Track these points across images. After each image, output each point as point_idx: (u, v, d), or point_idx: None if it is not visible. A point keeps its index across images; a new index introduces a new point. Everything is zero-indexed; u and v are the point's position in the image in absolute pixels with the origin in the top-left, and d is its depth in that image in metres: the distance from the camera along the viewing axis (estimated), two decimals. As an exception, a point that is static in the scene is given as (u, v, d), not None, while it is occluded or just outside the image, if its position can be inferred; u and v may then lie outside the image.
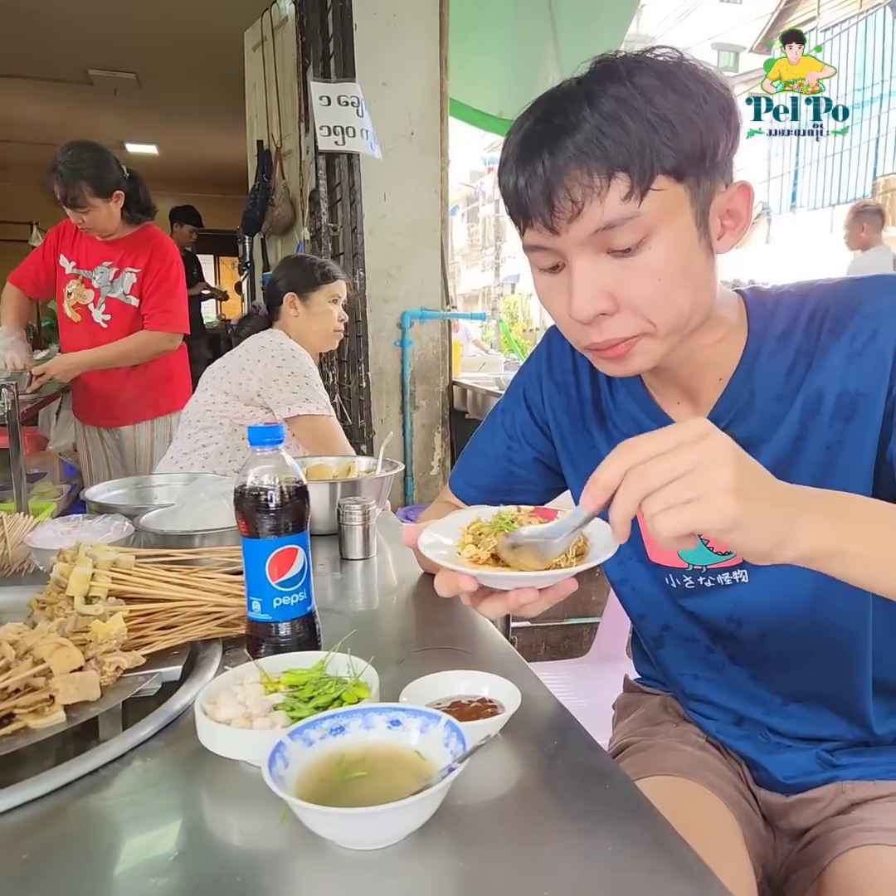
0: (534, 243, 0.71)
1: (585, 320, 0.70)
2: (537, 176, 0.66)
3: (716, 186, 0.69)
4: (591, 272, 0.68)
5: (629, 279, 0.68)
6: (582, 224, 0.66)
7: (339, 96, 3.00)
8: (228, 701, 0.64)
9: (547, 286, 0.74)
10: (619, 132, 0.64)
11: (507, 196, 0.71)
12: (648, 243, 0.67)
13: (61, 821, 0.57)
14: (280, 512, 0.74)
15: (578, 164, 0.64)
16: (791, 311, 0.77)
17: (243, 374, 1.88)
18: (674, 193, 0.66)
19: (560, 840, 0.54)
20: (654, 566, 0.88)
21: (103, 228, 2.45)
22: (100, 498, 1.34)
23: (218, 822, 0.58)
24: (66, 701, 0.68)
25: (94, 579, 0.81)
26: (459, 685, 0.71)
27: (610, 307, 0.69)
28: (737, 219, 0.72)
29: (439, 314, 3.60)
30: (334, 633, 0.86)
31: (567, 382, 0.92)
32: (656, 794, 0.81)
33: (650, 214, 0.65)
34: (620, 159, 0.64)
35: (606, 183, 0.64)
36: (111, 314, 2.50)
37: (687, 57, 0.68)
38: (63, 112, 6.32)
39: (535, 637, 1.83)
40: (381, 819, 0.51)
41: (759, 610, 0.83)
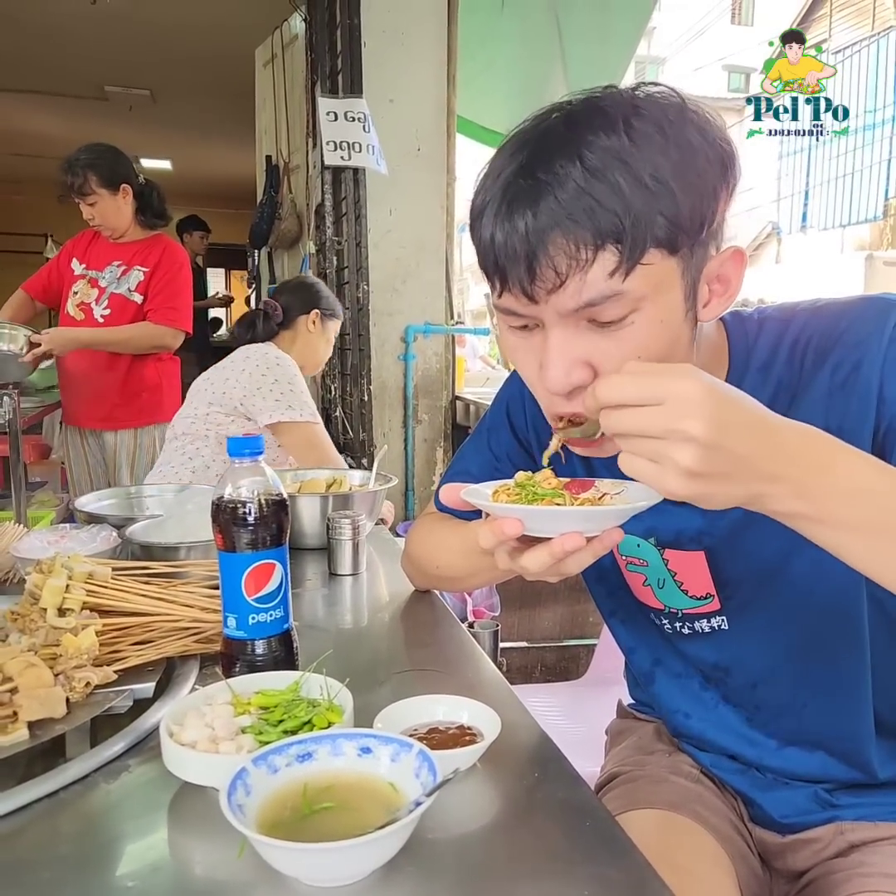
0: (509, 308, 0.64)
1: (559, 393, 0.63)
2: (518, 235, 0.59)
3: (708, 253, 0.63)
4: (568, 343, 0.62)
5: (609, 350, 0.62)
6: (563, 298, 0.60)
7: (346, 112, 3.01)
8: (195, 723, 0.62)
9: (517, 346, 0.67)
10: (611, 197, 0.57)
11: (482, 250, 0.64)
12: (632, 318, 0.60)
13: (13, 846, 0.54)
14: (257, 525, 0.72)
15: (564, 232, 0.57)
16: (773, 341, 0.72)
17: (227, 384, 1.86)
18: (664, 268, 0.60)
19: (534, 882, 0.51)
20: (640, 603, 0.85)
21: (114, 225, 2.48)
22: (89, 508, 1.32)
23: (178, 852, 0.55)
24: (29, 717, 0.65)
25: (68, 591, 0.78)
26: (438, 710, 0.68)
27: (586, 378, 0.62)
28: (726, 285, 0.66)
29: (443, 329, 3.59)
30: (315, 651, 0.84)
31: (529, 441, 0.90)
32: (645, 829, 0.78)
33: (636, 290, 0.59)
34: (611, 230, 0.57)
35: (593, 256, 0.58)
36: (111, 308, 2.50)
37: (689, 104, 0.61)
38: (79, 127, 6.38)
39: (530, 658, 1.80)
40: (344, 855, 0.48)
41: (745, 658, 0.80)
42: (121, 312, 2.50)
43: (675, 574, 0.81)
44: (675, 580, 0.81)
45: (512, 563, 0.61)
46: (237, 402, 1.84)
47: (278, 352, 1.92)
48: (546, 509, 0.59)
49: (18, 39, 4.57)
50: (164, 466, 1.89)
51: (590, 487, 0.66)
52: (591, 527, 0.59)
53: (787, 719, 0.81)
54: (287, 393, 1.82)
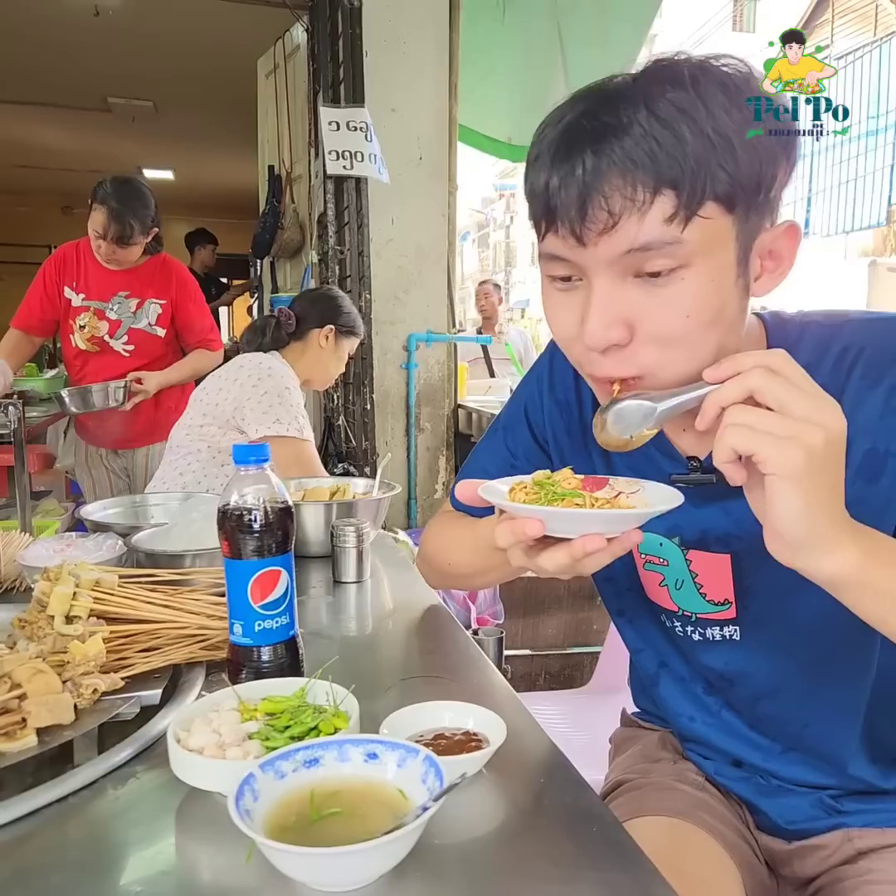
0: (554, 252, 0.64)
1: (597, 348, 0.63)
2: (574, 177, 0.59)
3: (763, 223, 0.63)
4: (612, 296, 0.62)
5: (653, 310, 0.61)
6: (614, 240, 0.60)
7: (348, 121, 3.03)
8: (202, 728, 0.62)
9: (556, 301, 0.67)
10: (674, 143, 0.57)
11: (534, 195, 0.64)
12: (682, 274, 0.60)
13: (23, 851, 0.55)
14: (263, 533, 0.72)
15: (623, 172, 0.58)
16: (818, 345, 0.70)
17: (220, 395, 1.81)
18: (721, 224, 0.60)
19: (540, 887, 0.51)
20: (651, 603, 0.85)
21: (129, 261, 2.49)
22: (95, 516, 1.32)
23: (186, 857, 0.56)
24: (38, 724, 0.66)
25: (75, 598, 0.79)
26: (444, 716, 0.68)
27: (624, 337, 0.62)
28: (778, 261, 0.66)
29: (445, 337, 3.60)
30: (321, 658, 0.84)
31: (569, 401, 0.86)
32: (651, 836, 0.78)
33: (692, 243, 0.59)
34: (671, 175, 0.57)
35: (651, 199, 0.58)
36: (134, 344, 2.52)
37: (756, 73, 0.63)
38: (82, 139, 6.43)
39: (534, 666, 1.79)
40: (351, 860, 0.48)
41: (752, 672, 0.79)
42: (147, 347, 2.53)
43: (697, 576, 0.79)
44: (696, 582, 0.80)
45: (527, 562, 0.61)
46: (229, 415, 1.78)
47: (273, 362, 1.85)
48: (569, 511, 0.59)
49: (22, 52, 4.60)
50: (157, 482, 1.85)
51: (604, 486, 0.65)
52: (612, 528, 0.59)
53: (787, 733, 0.81)
54: (275, 406, 1.74)
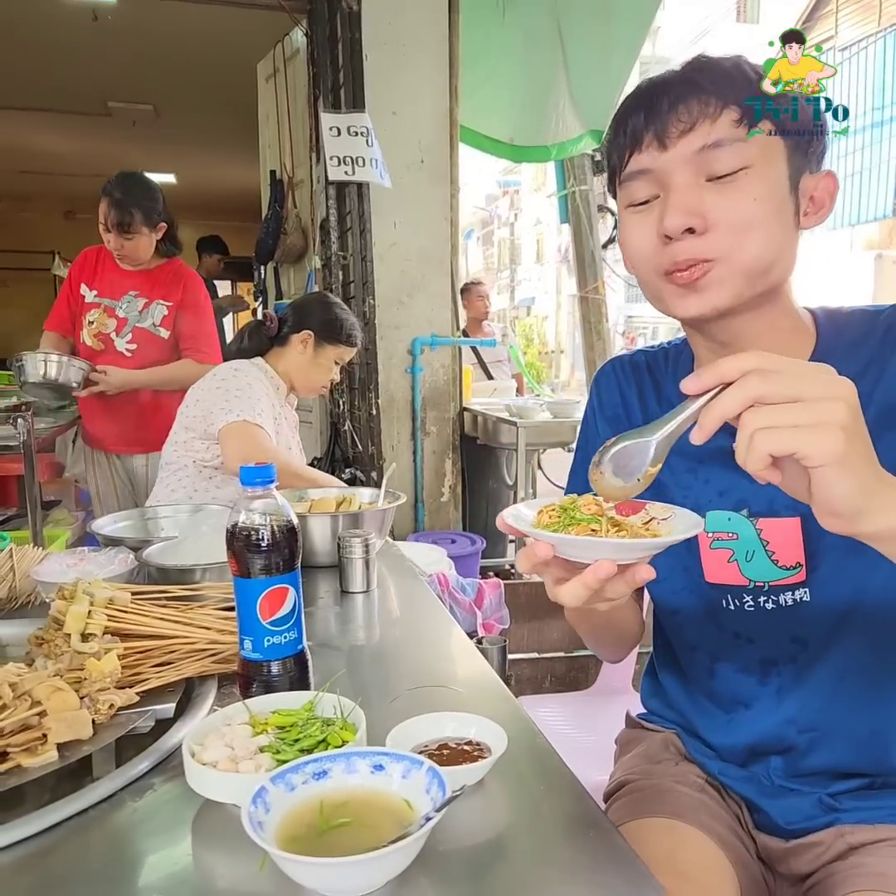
0: (637, 168, 0.76)
1: (676, 230, 0.73)
2: (656, 101, 0.74)
3: (808, 165, 0.76)
4: (689, 188, 0.73)
5: (724, 202, 0.73)
6: (691, 139, 0.72)
7: (349, 126, 3.05)
8: (216, 742, 0.65)
9: (634, 222, 0.78)
10: (737, 80, 0.72)
11: (622, 121, 0.77)
12: (748, 171, 0.72)
13: (47, 862, 0.58)
14: (271, 552, 0.75)
15: (698, 94, 0.72)
16: (865, 325, 0.80)
17: (197, 406, 1.78)
18: (774, 143, 0.73)
19: (540, 889, 0.54)
20: (710, 591, 0.86)
21: (139, 257, 2.51)
22: (106, 530, 1.35)
23: (202, 865, 0.58)
24: (58, 739, 0.69)
25: (90, 617, 0.82)
26: (447, 727, 0.71)
27: (700, 224, 0.72)
28: (820, 205, 0.78)
29: (449, 340, 3.62)
30: (329, 669, 0.87)
31: (617, 415, 0.95)
32: (649, 837, 0.81)
33: (753, 147, 0.72)
34: (735, 96, 0.71)
35: (720, 110, 0.72)
36: (137, 343, 2.53)
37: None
38: (83, 143, 6.47)
39: (540, 669, 1.82)
40: (360, 868, 0.51)
41: (822, 630, 0.81)
42: (148, 347, 2.53)
43: (768, 544, 0.82)
44: (767, 550, 0.82)
45: (554, 594, 0.63)
46: (206, 425, 1.73)
47: (244, 364, 1.82)
48: (576, 538, 0.60)
49: (22, 58, 4.63)
50: (151, 500, 1.84)
51: (640, 510, 0.67)
52: (621, 556, 0.59)
53: (839, 713, 0.82)
54: (232, 399, 1.69)
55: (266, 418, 1.72)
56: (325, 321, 1.92)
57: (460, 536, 3.41)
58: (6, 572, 1.18)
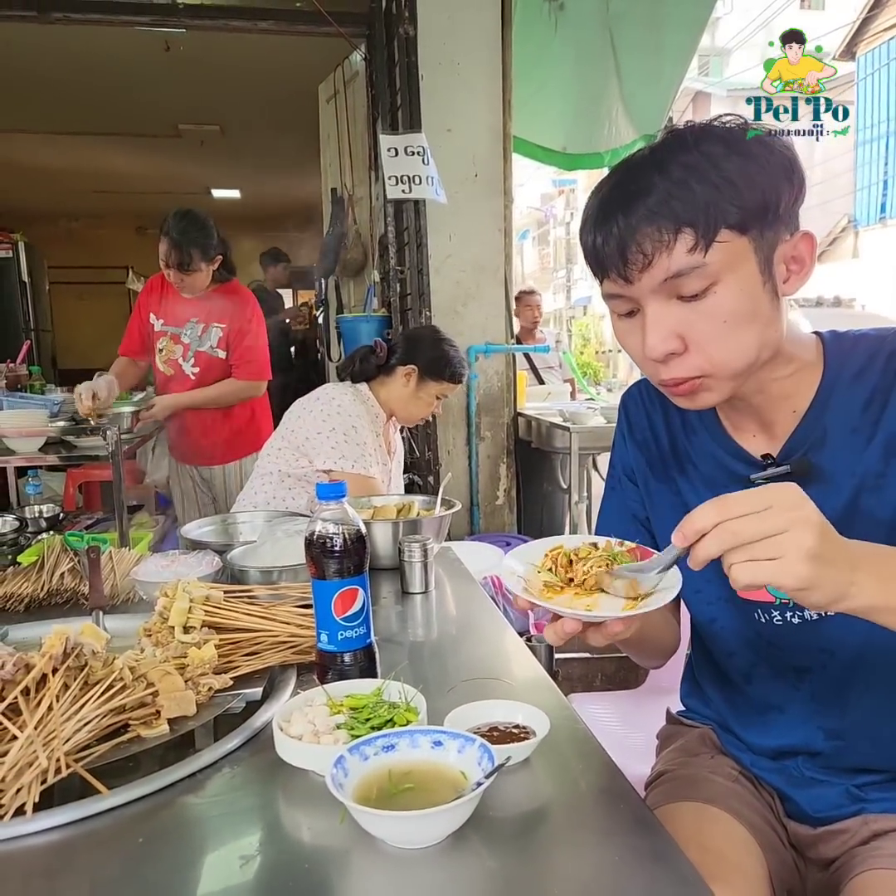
0: (611, 292, 0.80)
1: (657, 358, 0.78)
2: (612, 234, 0.75)
3: (780, 236, 0.76)
4: (661, 316, 0.76)
5: (697, 322, 0.75)
6: (652, 273, 0.75)
7: (406, 147, 3.17)
8: (300, 720, 0.76)
9: (624, 329, 0.83)
10: (686, 195, 0.72)
11: (586, 252, 0.80)
12: (714, 289, 0.74)
13: (167, 813, 0.70)
14: (343, 557, 0.86)
15: (649, 223, 0.73)
16: (869, 352, 0.84)
17: (298, 422, 1.93)
18: (738, 245, 0.74)
19: (574, 849, 0.64)
20: (742, 603, 0.91)
21: (197, 288, 2.69)
22: (193, 535, 1.50)
23: (290, 820, 0.70)
24: (169, 715, 0.81)
25: (190, 612, 0.95)
26: (497, 712, 0.81)
27: (679, 347, 0.77)
28: (801, 264, 0.79)
29: (504, 348, 3.71)
30: (393, 661, 0.98)
31: (646, 439, 1.00)
32: (682, 818, 0.90)
33: (715, 264, 0.73)
34: (687, 217, 0.72)
35: (674, 237, 0.73)
36: (199, 366, 2.73)
37: (751, 123, 0.77)
38: (154, 163, 6.80)
39: (590, 668, 1.90)
40: (423, 821, 0.61)
41: (849, 639, 0.87)
42: (209, 369, 2.72)
43: None
44: None
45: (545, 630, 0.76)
46: (301, 442, 1.89)
47: (345, 398, 1.92)
48: (545, 603, 0.74)
49: (98, 87, 4.92)
50: (239, 501, 2.01)
51: (650, 556, 0.77)
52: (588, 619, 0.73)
53: (861, 716, 0.88)
54: (341, 443, 1.84)
55: (373, 463, 1.87)
56: (432, 358, 1.98)
57: (515, 539, 3.49)
58: (108, 573, 1.34)
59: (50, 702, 0.76)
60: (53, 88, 4.90)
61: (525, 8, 3.74)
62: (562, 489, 4.04)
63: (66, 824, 0.67)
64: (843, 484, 0.82)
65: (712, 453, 0.92)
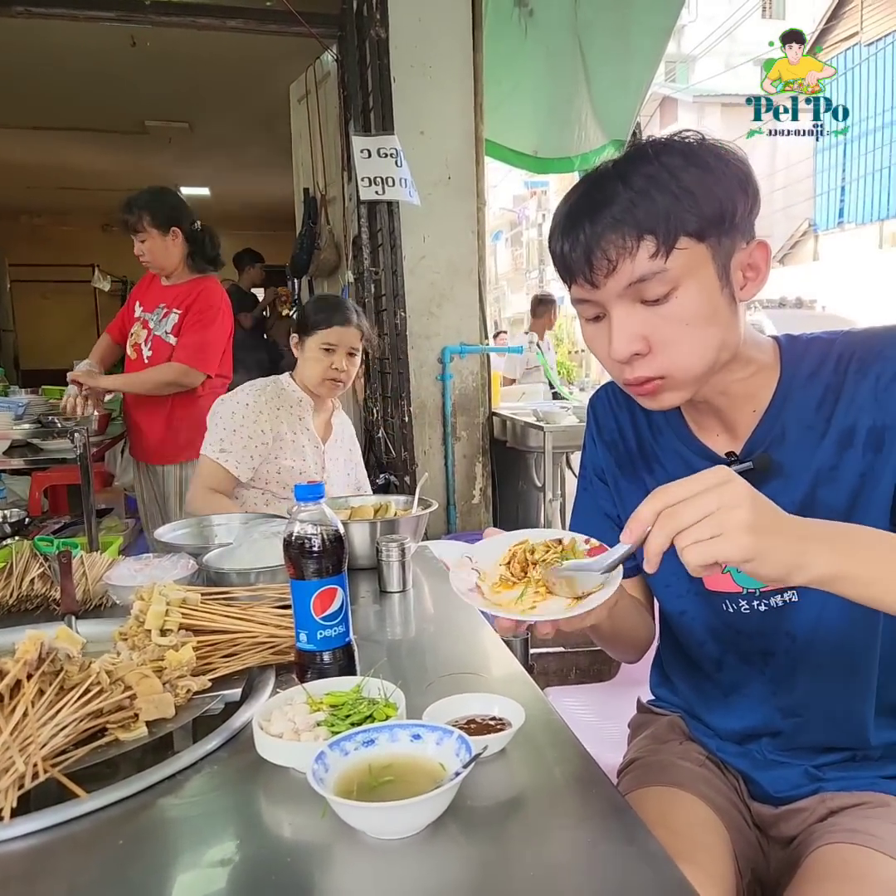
0: (578, 297, 0.83)
1: (622, 360, 0.81)
2: (579, 241, 0.79)
3: (736, 244, 0.80)
4: (626, 318, 0.80)
5: (660, 324, 0.79)
6: (617, 278, 0.78)
7: (379, 148, 3.18)
8: (280, 718, 0.77)
9: (591, 333, 0.86)
10: (647, 203, 0.76)
11: (555, 259, 0.84)
12: (675, 294, 0.78)
13: (147, 815, 0.70)
14: (322, 557, 0.87)
15: (613, 230, 0.76)
16: (820, 354, 0.88)
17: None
18: (697, 251, 0.77)
19: (549, 832, 0.66)
20: (711, 595, 0.95)
21: (161, 264, 2.66)
22: (166, 538, 1.49)
23: (271, 817, 0.71)
24: (147, 718, 0.82)
25: (167, 615, 0.95)
26: (474, 705, 0.83)
27: (643, 349, 0.80)
28: (757, 271, 0.83)
29: (478, 348, 3.74)
30: (372, 659, 0.99)
31: (614, 440, 1.03)
32: (652, 801, 0.93)
33: (676, 269, 0.77)
34: (648, 225, 0.76)
35: (637, 244, 0.76)
36: (153, 351, 2.68)
37: (708, 138, 0.81)
38: (121, 160, 6.71)
39: (565, 662, 1.93)
40: (403, 812, 0.63)
41: (809, 622, 0.91)
42: (160, 354, 2.65)
43: None
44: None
45: None
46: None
47: (244, 388, 2.00)
48: (496, 610, 0.78)
49: (65, 82, 4.85)
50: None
51: (603, 552, 0.80)
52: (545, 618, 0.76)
53: (817, 683, 0.92)
54: (211, 429, 1.94)
55: (233, 451, 1.90)
56: (300, 317, 2.09)
57: (491, 538, 3.50)
58: (79, 577, 1.32)
59: (25, 707, 0.76)
60: (16, 82, 4.81)
61: (495, 13, 3.77)
62: (536, 487, 4.08)
63: (44, 829, 0.67)
64: (801, 478, 0.86)
65: (678, 452, 0.96)
